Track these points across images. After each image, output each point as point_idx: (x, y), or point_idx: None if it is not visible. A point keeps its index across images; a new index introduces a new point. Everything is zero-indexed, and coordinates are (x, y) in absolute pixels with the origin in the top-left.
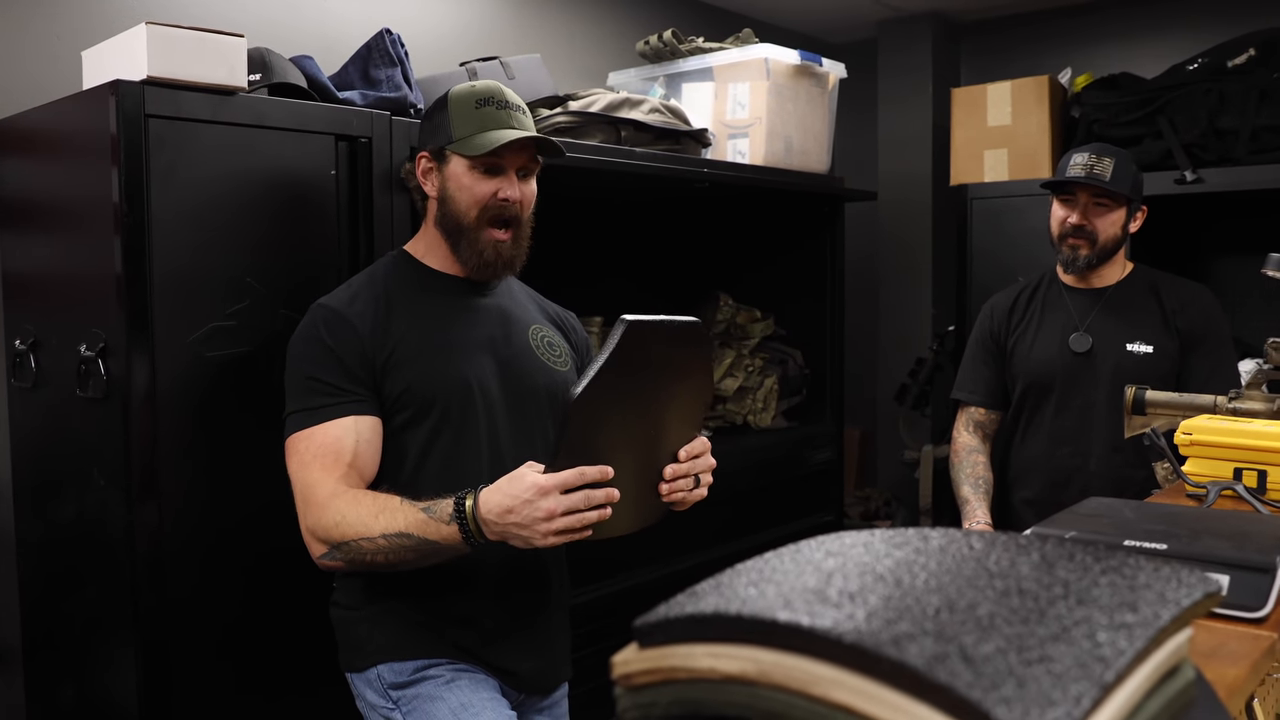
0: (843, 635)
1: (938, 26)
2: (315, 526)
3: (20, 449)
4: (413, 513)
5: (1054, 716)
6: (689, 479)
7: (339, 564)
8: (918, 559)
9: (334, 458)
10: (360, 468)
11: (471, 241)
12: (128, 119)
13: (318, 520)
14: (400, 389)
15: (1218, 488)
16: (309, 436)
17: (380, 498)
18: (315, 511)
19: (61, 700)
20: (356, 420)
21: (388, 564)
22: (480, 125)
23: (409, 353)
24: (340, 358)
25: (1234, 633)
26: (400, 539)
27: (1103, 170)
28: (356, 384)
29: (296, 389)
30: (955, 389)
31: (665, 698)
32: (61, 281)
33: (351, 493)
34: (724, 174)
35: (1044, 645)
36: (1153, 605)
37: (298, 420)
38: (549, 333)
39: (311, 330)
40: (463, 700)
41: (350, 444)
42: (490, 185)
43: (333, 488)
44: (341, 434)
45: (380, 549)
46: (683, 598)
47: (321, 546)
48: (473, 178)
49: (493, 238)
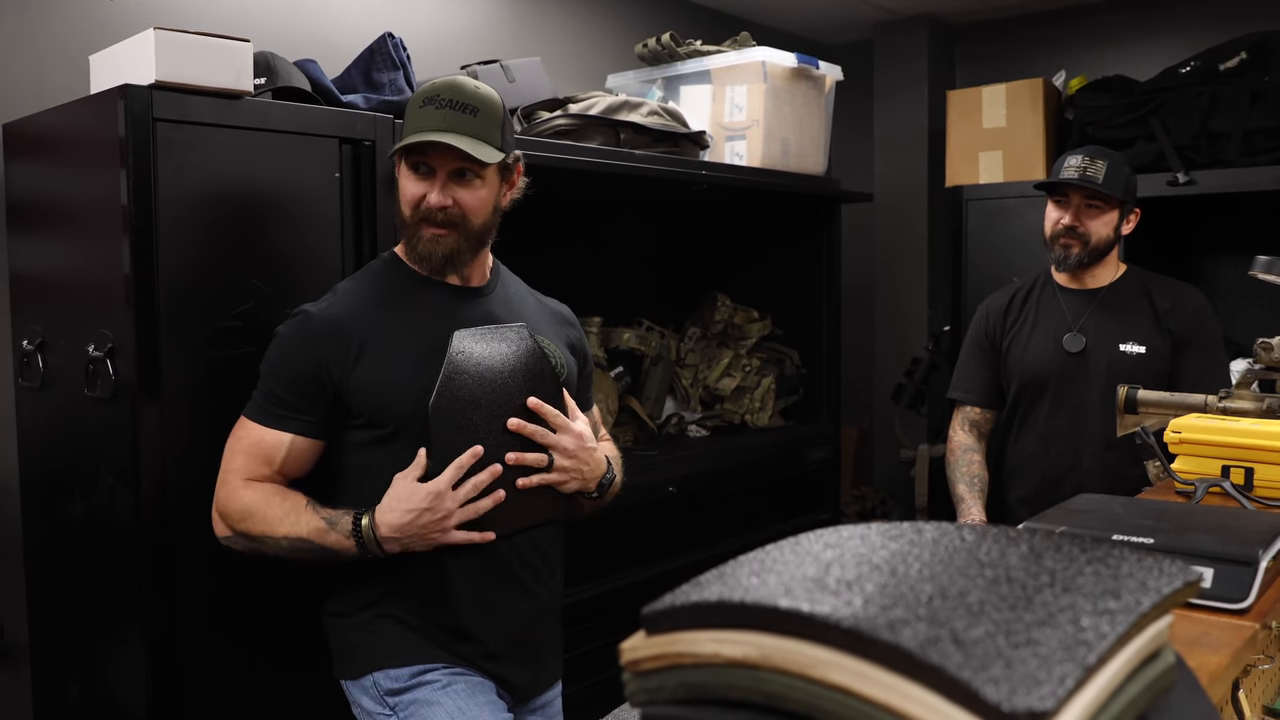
0: (841, 620)
1: (933, 29)
2: (224, 511)
3: (28, 448)
4: (315, 522)
5: (1039, 695)
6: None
7: (240, 548)
8: (912, 550)
9: (259, 461)
10: (285, 476)
11: (410, 238)
12: (136, 122)
13: (226, 506)
14: (368, 402)
15: (1205, 484)
16: (249, 429)
17: (289, 498)
18: (225, 497)
19: (68, 697)
20: (293, 439)
21: (286, 557)
22: (416, 126)
23: (381, 368)
24: (297, 371)
25: (1217, 623)
26: (301, 543)
27: (1096, 172)
28: (308, 399)
29: (261, 382)
30: (951, 388)
31: (671, 682)
32: (69, 282)
33: (263, 488)
34: (722, 176)
35: (1031, 630)
36: (1134, 593)
37: (252, 409)
38: (546, 340)
39: (284, 336)
40: (460, 705)
41: (278, 457)
42: (419, 187)
43: (244, 480)
44: (275, 445)
45: (282, 549)
46: (688, 587)
47: (225, 529)
48: (407, 178)
49: (430, 233)
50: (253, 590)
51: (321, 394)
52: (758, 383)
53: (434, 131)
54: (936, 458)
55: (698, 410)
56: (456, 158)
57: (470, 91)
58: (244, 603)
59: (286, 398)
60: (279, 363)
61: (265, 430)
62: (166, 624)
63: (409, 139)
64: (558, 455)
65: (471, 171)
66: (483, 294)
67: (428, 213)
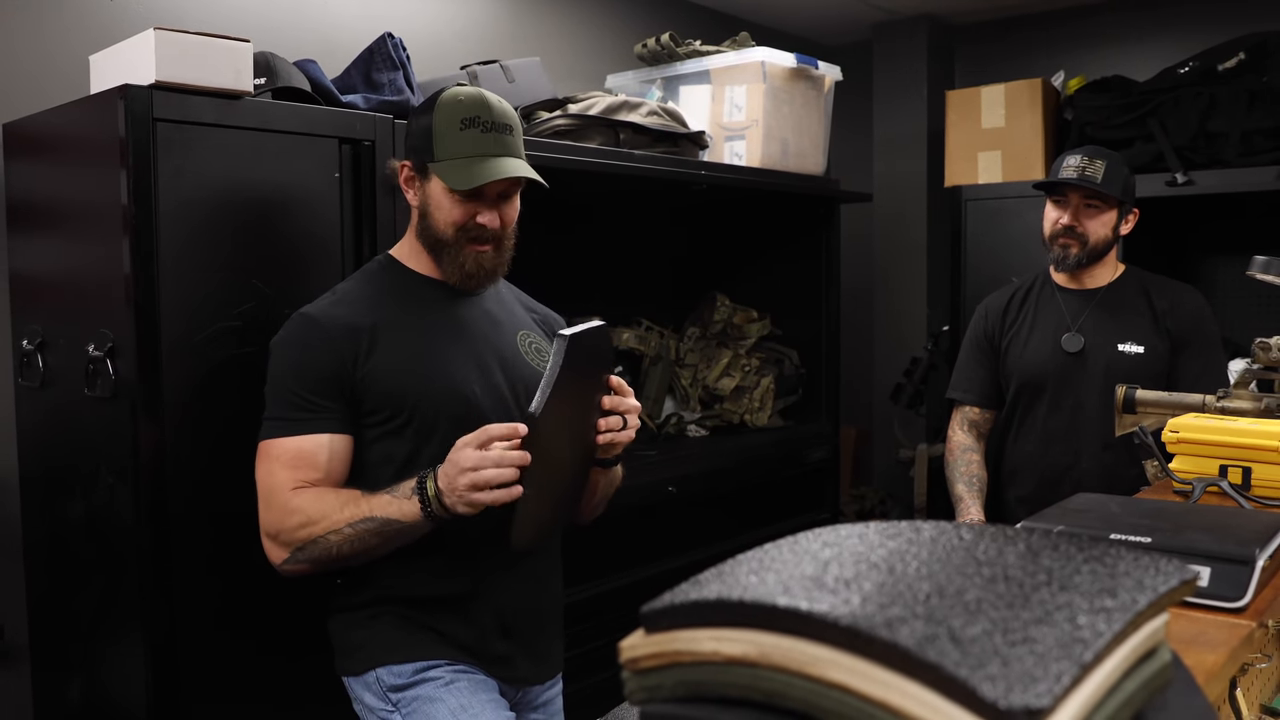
0: (839, 618)
1: (932, 29)
2: (278, 528)
3: (28, 448)
4: (377, 498)
5: (1036, 693)
6: (617, 419)
7: (302, 568)
8: (910, 549)
9: (304, 470)
10: (332, 482)
11: (452, 256)
12: (136, 122)
13: (279, 522)
14: (383, 397)
15: (1203, 484)
16: (281, 445)
17: (343, 491)
18: (277, 514)
19: (68, 697)
20: (331, 438)
21: (352, 554)
22: (464, 150)
23: (394, 361)
24: (318, 371)
25: (1214, 621)
26: (365, 523)
27: (1094, 172)
28: (332, 398)
29: (276, 397)
30: (950, 388)
31: (670, 680)
32: (69, 282)
33: (313, 490)
34: (721, 176)
35: (1027, 628)
36: (1131, 591)
37: (274, 428)
38: (536, 338)
39: (293, 339)
40: (462, 702)
41: (322, 460)
42: (470, 209)
43: (292, 491)
44: (315, 449)
45: (347, 539)
46: (687, 585)
47: (283, 551)
48: (451, 201)
49: (474, 250)
50: (253, 590)
51: (343, 390)
52: (757, 383)
53: (495, 159)
54: (935, 457)
55: (697, 410)
56: (509, 182)
57: (501, 109)
58: (244, 602)
59: (313, 399)
60: (298, 365)
61: (300, 439)
62: (166, 624)
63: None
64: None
65: (509, 193)
66: (476, 293)
67: (478, 233)
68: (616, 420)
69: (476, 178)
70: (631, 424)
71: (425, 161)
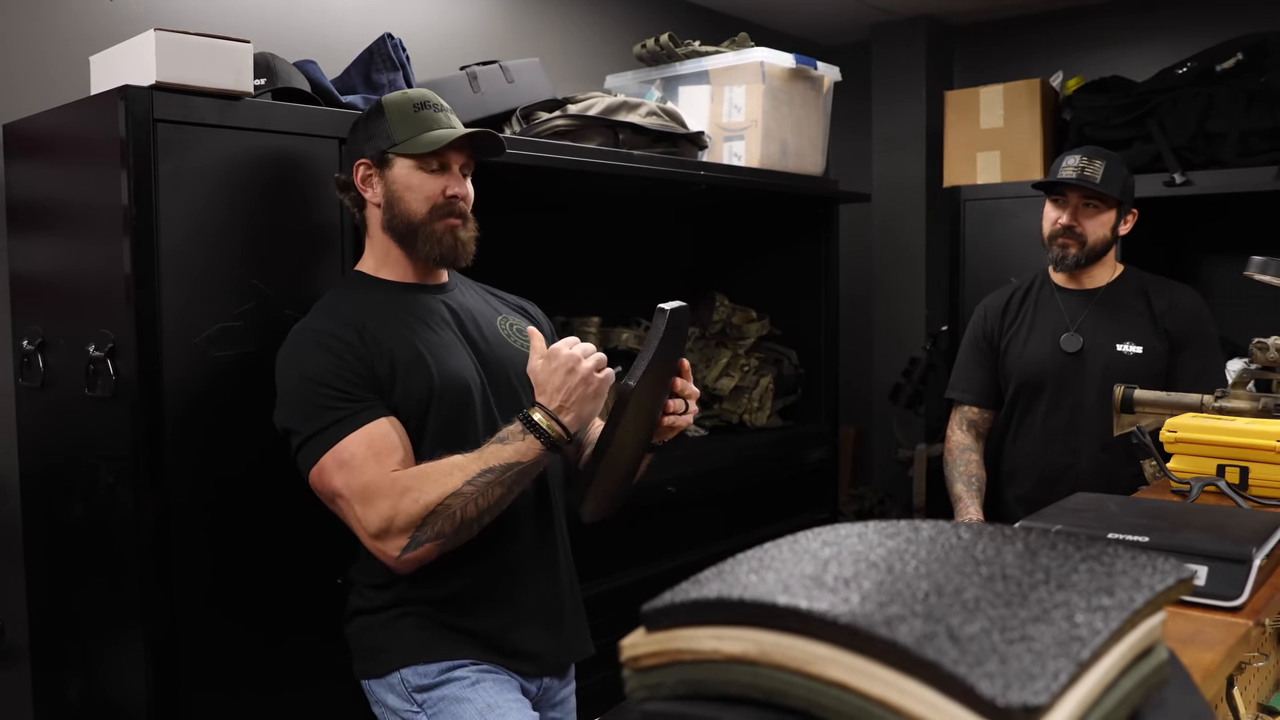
0: (838, 617)
1: (931, 30)
2: (391, 516)
3: (28, 448)
4: (485, 451)
5: (1034, 690)
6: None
7: (424, 551)
8: (909, 548)
9: (388, 450)
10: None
11: (428, 234)
12: (136, 123)
13: (393, 508)
14: (398, 398)
15: (1201, 483)
16: (352, 442)
17: (441, 461)
18: (385, 503)
19: (69, 698)
20: (390, 420)
21: (477, 514)
22: (423, 126)
23: (397, 364)
24: (349, 366)
25: (1211, 620)
26: (484, 477)
27: (1093, 172)
28: (370, 390)
29: (309, 408)
30: (949, 388)
31: (671, 678)
32: (70, 283)
33: (413, 469)
34: (720, 176)
35: (1025, 626)
36: (1128, 590)
37: (329, 436)
38: (516, 320)
39: (307, 347)
40: (489, 701)
41: (397, 439)
42: (439, 183)
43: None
44: (387, 430)
45: (468, 497)
46: (687, 585)
47: (401, 538)
48: (420, 177)
49: (448, 224)
50: (254, 590)
51: (376, 383)
52: (756, 382)
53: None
54: (934, 457)
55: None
56: (469, 154)
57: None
58: (245, 602)
59: (354, 392)
60: (325, 368)
61: (366, 429)
62: (167, 624)
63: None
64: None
65: (467, 169)
66: (447, 290)
67: (449, 203)
68: (680, 404)
69: (443, 139)
70: (692, 409)
71: (385, 149)
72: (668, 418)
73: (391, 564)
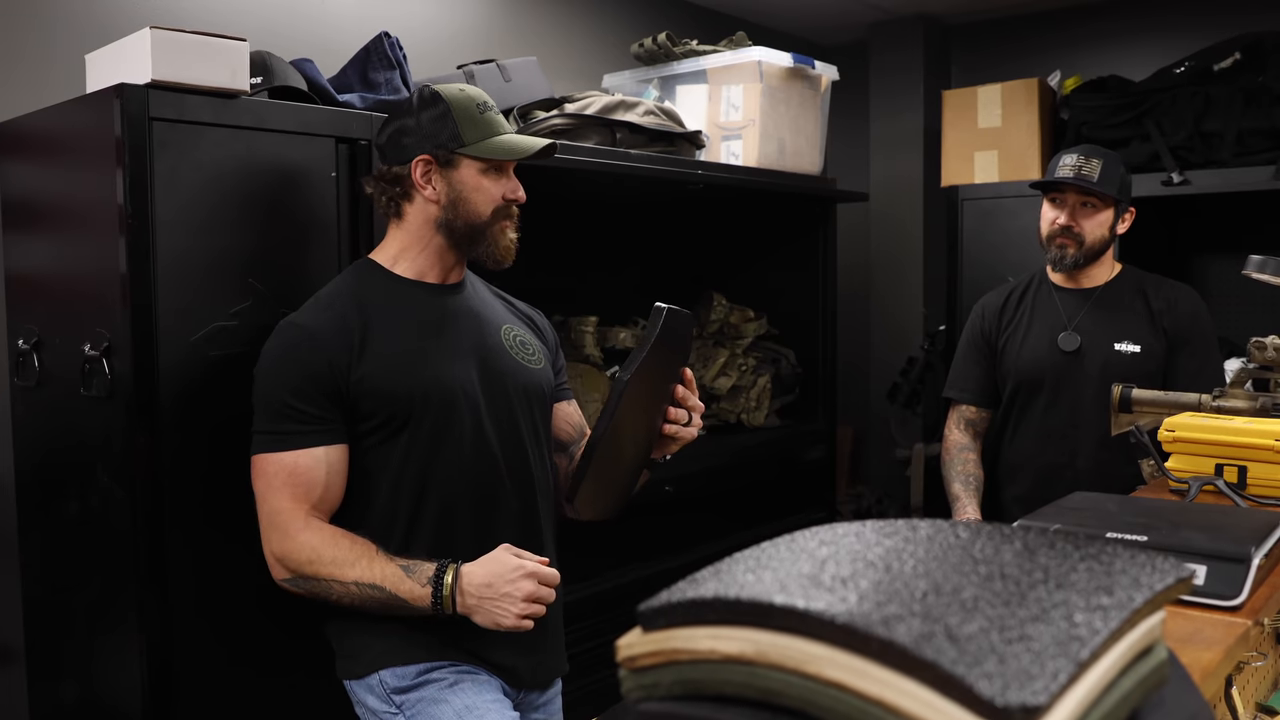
0: (835, 616)
1: (928, 29)
2: (284, 555)
3: (23, 447)
4: (390, 568)
5: (1033, 690)
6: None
7: (299, 591)
8: (906, 547)
9: (304, 489)
10: (329, 501)
11: (492, 237)
12: (132, 121)
13: (286, 550)
14: (378, 401)
15: (1199, 483)
16: (278, 461)
17: (358, 543)
18: (284, 541)
19: (64, 699)
20: (327, 451)
21: (350, 607)
22: (490, 130)
23: (385, 363)
24: (312, 380)
25: (1210, 620)
26: (372, 589)
27: (1090, 171)
28: (326, 409)
29: (267, 410)
30: (947, 387)
31: (667, 678)
32: (65, 282)
33: (328, 530)
34: (718, 175)
35: (1024, 625)
36: (1127, 589)
37: (267, 442)
38: (520, 331)
39: (282, 350)
40: (467, 703)
41: (321, 476)
42: (502, 186)
43: (304, 520)
44: (313, 464)
45: (349, 594)
46: (684, 584)
47: (285, 572)
48: (488, 180)
49: (506, 226)
50: (249, 591)
51: (338, 398)
52: (754, 382)
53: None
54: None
55: None
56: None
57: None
58: (240, 604)
59: (306, 409)
60: (289, 376)
61: (296, 454)
62: (162, 625)
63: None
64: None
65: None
66: (459, 291)
67: (508, 207)
68: (684, 414)
69: (519, 149)
70: (695, 423)
71: (453, 149)
72: (669, 427)
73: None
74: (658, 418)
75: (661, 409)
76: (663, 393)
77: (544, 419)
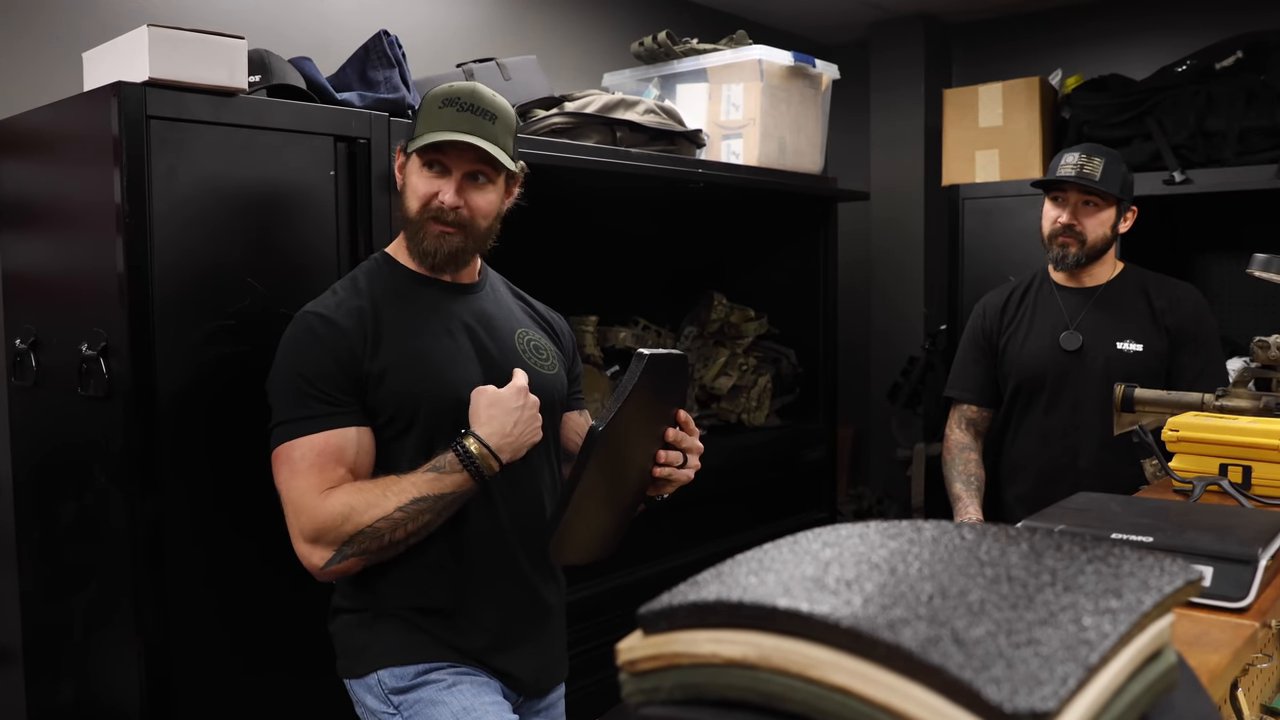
0: (840, 620)
1: (929, 28)
2: (317, 528)
3: (21, 448)
4: (420, 478)
5: (1041, 695)
6: (678, 454)
7: (348, 565)
8: (911, 549)
9: (333, 464)
10: (358, 478)
11: (415, 234)
12: (130, 120)
13: (317, 520)
14: (387, 398)
15: (1203, 483)
16: (305, 444)
17: (378, 480)
18: (311, 514)
19: (61, 700)
20: (358, 431)
21: (405, 537)
22: (434, 124)
23: (396, 361)
24: (335, 364)
25: (1217, 622)
26: (416, 505)
27: (1092, 170)
28: (351, 393)
29: (288, 397)
30: (948, 387)
31: (669, 682)
32: (63, 281)
33: (348, 485)
34: (718, 174)
35: (1032, 629)
36: (1136, 592)
37: (290, 429)
38: (535, 336)
39: (304, 336)
40: (465, 704)
41: (351, 453)
42: (432, 185)
43: (325, 492)
44: (343, 443)
45: (398, 522)
46: (685, 586)
47: (326, 551)
48: (420, 176)
49: (437, 230)
50: (248, 592)
51: (359, 385)
52: (754, 382)
53: (456, 132)
54: (933, 457)
55: (694, 409)
56: (474, 159)
57: (489, 98)
58: (239, 604)
59: (332, 393)
60: (315, 361)
61: (326, 434)
62: (160, 626)
63: (430, 136)
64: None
65: (485, 175)
66: (474, 291)
67: (439, 211)
68: (677, 456)
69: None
70: (691, 464)
71: (406, 141)
72: (660, 469)
73: (314, 573)
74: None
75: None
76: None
77: (553, 426)
